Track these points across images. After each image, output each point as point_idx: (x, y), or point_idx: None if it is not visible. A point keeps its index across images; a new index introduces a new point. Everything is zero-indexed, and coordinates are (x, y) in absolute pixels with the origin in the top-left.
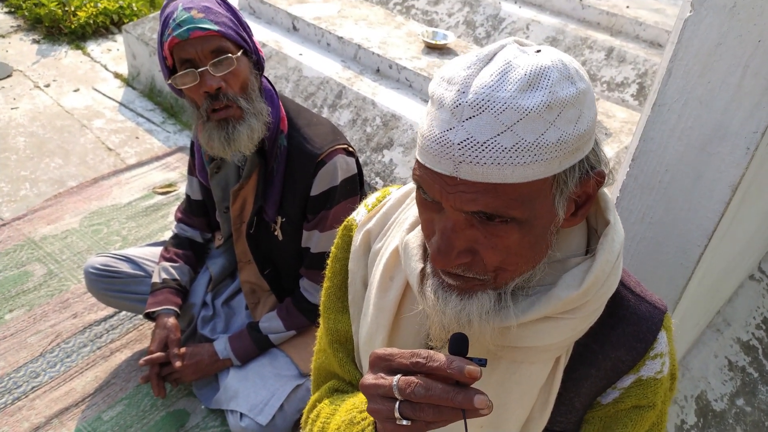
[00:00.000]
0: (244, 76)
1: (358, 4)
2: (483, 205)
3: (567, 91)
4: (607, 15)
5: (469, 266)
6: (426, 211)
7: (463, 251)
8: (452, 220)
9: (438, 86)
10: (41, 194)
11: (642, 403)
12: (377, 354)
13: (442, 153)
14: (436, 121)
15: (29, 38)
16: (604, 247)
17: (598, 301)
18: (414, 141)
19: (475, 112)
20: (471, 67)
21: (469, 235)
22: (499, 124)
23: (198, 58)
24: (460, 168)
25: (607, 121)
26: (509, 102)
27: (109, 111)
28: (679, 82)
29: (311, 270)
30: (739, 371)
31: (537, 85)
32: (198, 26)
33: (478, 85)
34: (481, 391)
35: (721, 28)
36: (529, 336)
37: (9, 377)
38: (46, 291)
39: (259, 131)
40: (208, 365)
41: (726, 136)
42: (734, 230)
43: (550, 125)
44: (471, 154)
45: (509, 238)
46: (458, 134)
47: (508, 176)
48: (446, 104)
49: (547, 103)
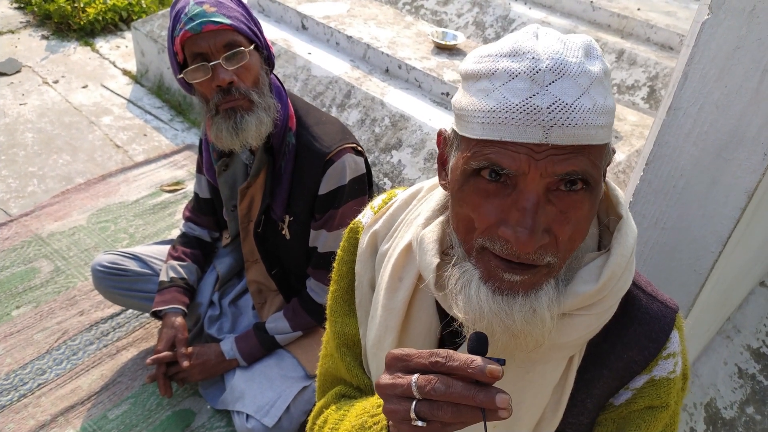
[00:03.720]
0: (256, 71)
1: (367, 3)
2: (576, 164)
3: (606, 65)
4: (618, 17)
5: (546, 248)
6: (486, 200)
7: (545, 230)
8: (535, 195)
9: (494, 62)
10: (49, 190)
11: (655, 404)
12: (394, 354)
13: (528, 120)
14: (511, 92)
15: (38, 34)
16: (618, 242)
17: (614, 297)
18: (423, 142)
19: (556, 76)
20: (529, 40)
21: (549, 212)
22: (578, 87)
23: (210, 52)
24: (551, 132)
25: (618, 124)
26: (581, 66)
27: (117, 108)
28: (695, 86)
29: (318, 270)
30: (749, 379)
31: (592, 54)
32: (211, 20)
33: (550, 52)
34: (503, 390)
35: (739, 31)
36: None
37: (15, 374)
38: (53, 288)
39: (268, 125)
40: (214, 365)
41: (743, 142)
42: (748, 237)
43: (608, 91)
44: (561, 116)
45: (582, 209)
46: (545, 99)
47: (593, 137)
48: (522, 73)
49: (604, 70)
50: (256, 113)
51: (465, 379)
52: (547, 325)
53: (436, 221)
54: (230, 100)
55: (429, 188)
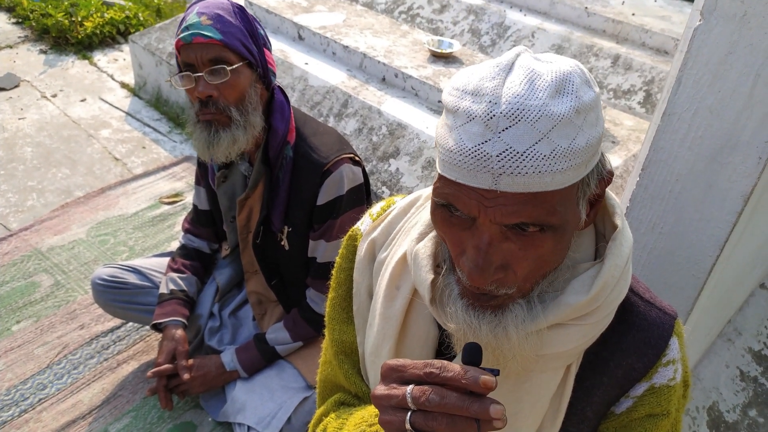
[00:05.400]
0: (242, 89)
1: (363, 13)
2: (526, 216)
3: (588, 95)
4: (613, 22)
5: (502, 282)
6: (451, 230)
7: (499, 266)
8: (488, 235)
9: (460, 99)
10: (48, 204)
11: (656, 411)
12: (389, 365)
13: (478, 166)
14: (466, 134)
15: (36, 48)
16: (612, 252)
17: (609, 306)
18: (420, 150)
19: (511, 122)
20: (495, 78)
21: (504, 249)
22: (536, 133)
23: (197, 64)
24: (500, 180)
25: (614, 129)
26: (542, 109)
27: (115, 121)
28: (689, 92)
29: (317, 280)
30: (751, 381)
31: (564, 91)
32: (201, 33)
33: (509, 95)
34: (497, 401)
35: (731, 36)
36: (540, 344)
37: (16, 389)
38: (53, 302)
39: (243, 143)
40: (215, 377)
41: (737, 146)
42: (746, 240)
43: (579, 130)
44: (511, 165)
45: (544, 247)
46: (496, 146)
47: (548, 184)
48: (478, 116)
49: (575, 108)
50: (231, 131)
51: (460, 389)
52: (513, 341)
53: (429, 236)
54: (207, 113)
55: (427, 196)
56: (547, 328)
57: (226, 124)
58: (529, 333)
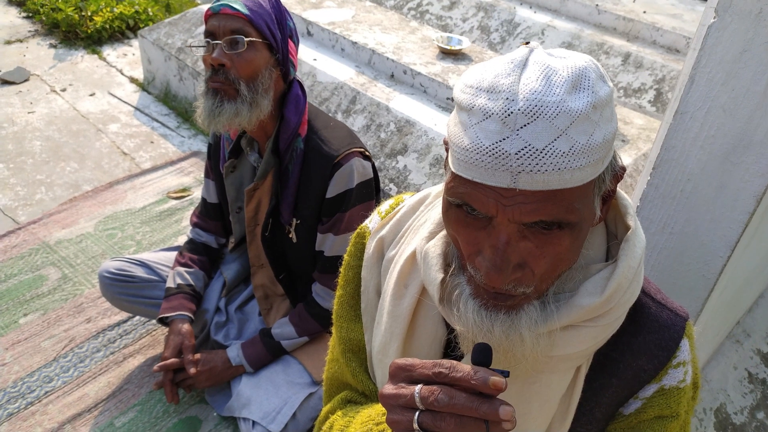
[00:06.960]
0: (255, 66)
1: (372, 9)
2: (545, 214)
3: (604, 90)
4: (624, 20)
5: (519, 281)
6: (466, 230)
7: (516, 265)
8: (506, 234)
9: (474, 96)
10: (57, 198)
11: (665, 413)
12: (398, 364)
13: (496, 165)
14: (483, 132)
15: (46, 43)
16: (626, 253)
17: (621, 308)
18: (428, 147)
19: (529, 119)
20: (511, 74)
21: (522, 248)
22: (554, 129)
23: (218, 33)
24: (518, 178)
25: (625, 127)
26: (560, 106)
27: (124, 115)
28: (701, 90)
29: (324, 274)
30: (759, 383)
31: (580, 87)
32: (230, 5)
33: (526, 91)
34: (506, 402)
35: (746, 34)
36: (551, 345)
37: (23, 381)
38: (61, 295)
39: (245, 119)
40: (221, 372)
41: (750, 146)
42: (757, 240)
43: (596, 125)
44: (530, 162)
45: (561, 245)
46: (514, 144)
47: (568, 181)
48: (494, 114)
49: (592, 103)
50: (236, 103)
51: (469, 390)
52: (526, 343)
53: (439, 235)
54: (216, 80)
55: (436, 194)
56: (559, 329)
57: (232, 96)
58: (541, 334)
